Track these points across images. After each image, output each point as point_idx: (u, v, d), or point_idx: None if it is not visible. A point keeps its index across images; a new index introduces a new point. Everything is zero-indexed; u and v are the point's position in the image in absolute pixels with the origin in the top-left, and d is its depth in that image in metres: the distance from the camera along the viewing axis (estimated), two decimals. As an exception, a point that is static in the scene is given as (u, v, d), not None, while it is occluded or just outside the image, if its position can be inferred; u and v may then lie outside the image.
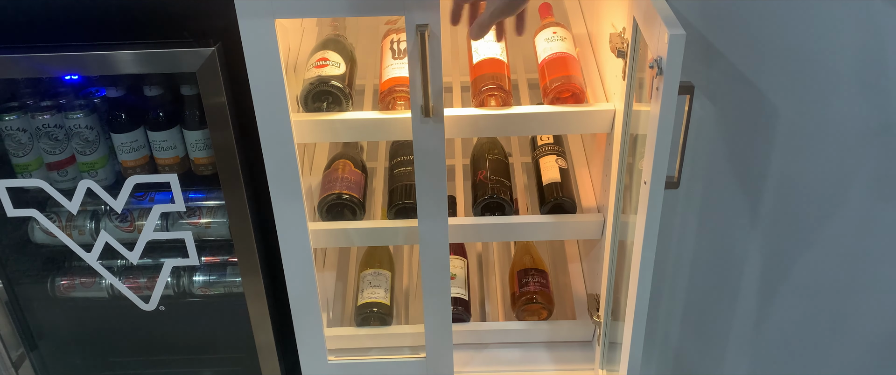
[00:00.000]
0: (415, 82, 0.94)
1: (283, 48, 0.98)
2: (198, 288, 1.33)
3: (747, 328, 1.35)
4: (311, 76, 1.10)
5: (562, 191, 1.21)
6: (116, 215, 1.25)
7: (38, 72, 1.03)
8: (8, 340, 1.33)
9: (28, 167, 1.20)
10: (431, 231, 1.08)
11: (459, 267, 1.37)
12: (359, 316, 1.29)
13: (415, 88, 0.95)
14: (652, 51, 0.84)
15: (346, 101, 1.10)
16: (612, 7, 1.09)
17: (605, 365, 1.22)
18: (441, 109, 0.97)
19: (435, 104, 0.96)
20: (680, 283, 1.30)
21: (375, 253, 1.37)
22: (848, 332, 1.34)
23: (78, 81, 1.20)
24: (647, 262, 0.93)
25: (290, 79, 1.11)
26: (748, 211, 1.21)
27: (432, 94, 0.95)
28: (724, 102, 1.10)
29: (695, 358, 1.40)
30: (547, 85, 1.12)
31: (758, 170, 1.16)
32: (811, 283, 1.28)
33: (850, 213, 1.20)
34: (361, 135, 1.15)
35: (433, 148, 1.01)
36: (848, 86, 1.08)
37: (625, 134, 1.04)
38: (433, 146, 1.00)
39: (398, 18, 1.23)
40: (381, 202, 1.33)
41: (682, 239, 1.24)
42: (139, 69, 1.03)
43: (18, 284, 1.32)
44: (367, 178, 1.28)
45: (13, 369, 1.35)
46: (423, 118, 0.97)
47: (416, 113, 0.97)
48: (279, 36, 0.94)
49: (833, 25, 1.02)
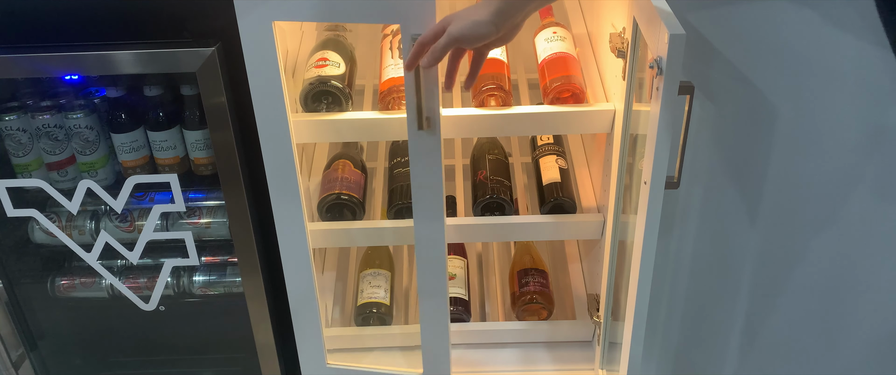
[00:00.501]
0: (410, 92, 0.93)
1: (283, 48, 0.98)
2: (198, 288, 1.33)
3: (747, 328, 1.35)
4: (310, 76, 1.10)
5: (562, 191, 1.21)
6: (116, 215, 1.25)
7: (38, 72, 1.03)
8: (8, 340, 1.33)
9: (28, 167, 1.20)
10: (428, 236, 1.07)
11: (459, 267, 1.37)
12: (359, 316, 1.29)
13: (410, 99, 0.94)
14: (652, 51, 0.84)
15: (346, 101, 1.10)
16: (612, 7, 1.09)
17: (605, 365, 1.22)
18: (437, 120, 0.96)
19: (430, 115, 0.95)
20: (680, 283, 1.30)
21: (375, 253, 1.37)
22: (848, 332, 1.34)
23: (78, 81, 1.20)
24: (647, 262, 0.93)
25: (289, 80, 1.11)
26: (748, 211, 1.21)
27: (425, 106, 0.93)
28: (724, 102, 1.10)
29: (695, 358, 1.40)
30: (547, 85, 1.12)
31: (758, 170, 1.16)
32: (811, 283, 1.28)
33: (850, 213, 1.20)
34: (361, 135, 1.15)
35: (429, 155, 0.99)
36: (848, 87, 1.08)
37: (625, 134, 1.04)
38: (429, 153, 0.99)
39: (395, 26, 1.23)
40: (381, 202, 1.33)
41: (682, 239, 1.24)
42: (139, 69, 1.03)
43: (18, 284, 1.32)
44: (367, 178, 1.28)
45: (13, 369, 1.35)
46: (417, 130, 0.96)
47: (412, 123, 0.96)
48: (279, 36, 0.94)
49: (833, 25, 1.02)
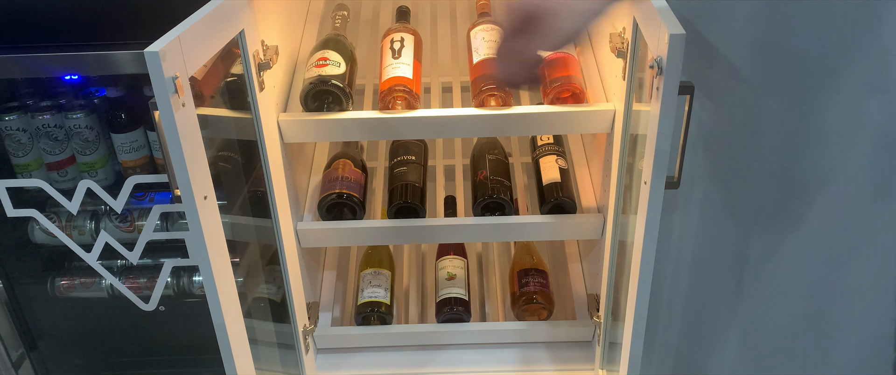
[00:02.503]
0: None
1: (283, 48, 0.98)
2: (198, 288, 1.33)
3: (747, 328, 1.35)
4: (311, 75, 1.10)
5: (562, 191, 1.21)
6: (116, 215, 1.25)
7: (38, 72, 1.03)
8: (8, 340, 1.33)
9: (28, 167, 1.20)
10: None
11: (459, 267, 1.37)
12: (359, 316, 1.29)
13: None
14: (652, 51, 0.84)
15: (346, 101, 1.10)
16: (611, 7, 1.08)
17: (605, 365, 1.22)
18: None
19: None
20: (680, 283, 1.30)
21: (375, 252, 1.37)
22: (847, 332, 1.34)
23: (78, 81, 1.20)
24: (647, 262, 0.93)
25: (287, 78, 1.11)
26: (748, 211, 1.21)
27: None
28: (724, 102, 1.10)
29: (695, 358, 1.40)
30: (547, 85, 1.12)
31: (758, 170, 1.16)
32: (810, 283, 1.28)
33: (850, 213, 1.20)
34: (361, 135, 1.15)
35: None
36: (848, 86, 1.08)
37: (625, 134, 1.04)
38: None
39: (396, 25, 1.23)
40: (381, 202, 1.33)
41: (682, 239, 1.24)
42: (139, 69, 1.03)
43: (18, 284, 1.32)
44: (367, 178, 1.28)
45: (13, 369, 1.35)
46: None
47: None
48: (279, 36, 0.94)
49: (833, 25, 1.02)
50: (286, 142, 1.10)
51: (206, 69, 0.84)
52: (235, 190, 1.09)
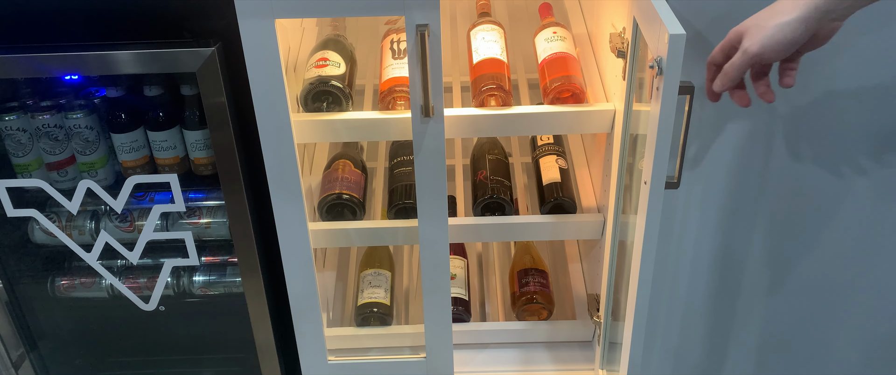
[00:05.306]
0: (415, 82, 0.94)
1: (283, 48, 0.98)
2: (198, 288, 1.33)
3: (747, 328, 1.35)
4: (311, 76, 1.10)
5: (562, 191, 1.21)
6: (116, 215, 1.25)
7: (38, 72, 1.03)
8: (8, 340, 1.33)
9: (28, 167, 1.20)
10: (431, 231, 1.08)
11: (459, 267, 1.37)
12: (359, 316, 1.29)
13: (415, 88, 0.95)
14: (652, 51, 0.84)
15: (346, 101, 1.10)
16: (612, 7, 1.09)
17: (605, 365, 1.22)
18: (441, 109, 0.97)
19: (435, 104, 0.96)
20: (680, 283, 1.30)
21: (375, 253, 1.37)
22: (848, 332, 1.34)
23: (78, 81, 1.20)
24: (647, 262, 0.93)
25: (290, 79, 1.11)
26: (748, 211, 1.21)
27: (432, 94, 0.95)
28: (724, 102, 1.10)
29: (695, 358, 1.40)
30: (547, 85, 1.12)
31: (758, 170, 1.16)
32: (811, 283, 1.28)
33: (850, 213, 1.20)
34: (361, 135, 1.15)
35: (433, 148, 1.01)
36: (848, 87, 1.08)
37: (625, 134, 1.04)
38: (433, 146, 1.00)
39: (398, 18, 1.23)
40: (381, 202, 1.33)
41: (682, 239, 1.24)
42: (139, 69, 1.03)
43: (18, 284, 1.32)
44: (367, 178, 1.28)
45: (13, 369, 1.35)
46: (423, 118, 0.97)
47: (416, 113, 0.97)
48: (279, 36, 0.94)
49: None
50: (286, 142, 1.10)
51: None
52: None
